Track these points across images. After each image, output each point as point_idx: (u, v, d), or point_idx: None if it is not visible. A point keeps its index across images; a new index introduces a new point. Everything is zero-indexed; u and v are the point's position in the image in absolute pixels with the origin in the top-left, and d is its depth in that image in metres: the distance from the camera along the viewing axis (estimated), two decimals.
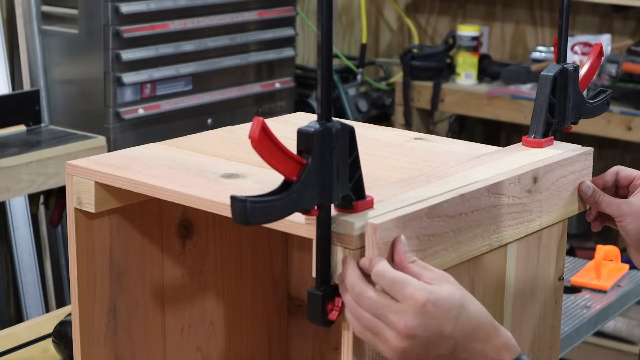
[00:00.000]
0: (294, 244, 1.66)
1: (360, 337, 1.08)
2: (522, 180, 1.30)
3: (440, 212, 1.18)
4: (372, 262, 1.07)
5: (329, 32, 1.05)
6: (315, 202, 1.06)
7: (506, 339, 1.08)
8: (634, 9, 3.89)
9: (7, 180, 2.81)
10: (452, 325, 1.05)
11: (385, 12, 4.53)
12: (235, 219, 1.01)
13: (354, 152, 1.10)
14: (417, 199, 1.18)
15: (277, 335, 1.68)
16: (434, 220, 1.17)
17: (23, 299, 3.27)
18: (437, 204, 1.17)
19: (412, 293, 1.04)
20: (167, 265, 1.46)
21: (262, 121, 1.01)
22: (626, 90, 3.55)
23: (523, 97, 3.69)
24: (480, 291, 1.29)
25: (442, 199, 1.18)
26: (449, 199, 1.19)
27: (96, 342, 1.37)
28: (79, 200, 1.32)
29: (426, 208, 1.16)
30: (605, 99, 1.52)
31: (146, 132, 3.16)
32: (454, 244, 1.20)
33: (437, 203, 1.17)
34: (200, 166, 1.33)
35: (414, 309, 1.04)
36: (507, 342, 1.08)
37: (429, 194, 1.20)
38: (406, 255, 1.09)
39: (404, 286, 1.05)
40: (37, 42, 3.20)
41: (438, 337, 1.05)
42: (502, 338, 1.08)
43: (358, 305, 1.07)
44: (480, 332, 1.07)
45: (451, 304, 1.05)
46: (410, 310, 1.04)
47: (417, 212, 1.14)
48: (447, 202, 1.19)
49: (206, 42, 3.34)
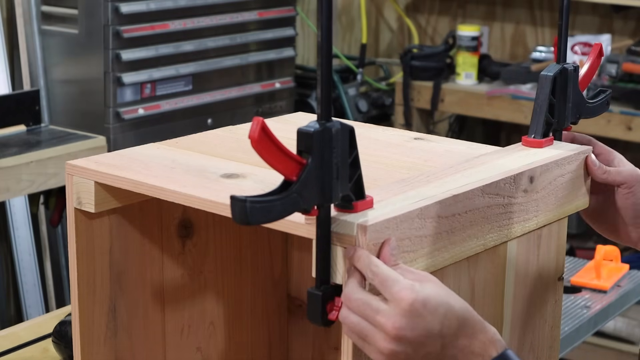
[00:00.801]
0: (294, 244, 1.66)
1: (351, 339, 1.08)
2: (517, 180, 1.30)
3: (433, 213, 1.18)
4: (365, 258, 1.07)
5: (329, 32, 1.04)
6: (315, 202, 1.06)
7: (491, 333, 1.09)
8: (634, 9, 3.89)
9: (7, 180, 2.81)
10: (439, 324, 1.05)
11: (385, 12, 4.53)
12: (235, 219, 1.01)
13: (353, 152, 1.10)
14: (417, 199, 1.18)
15: (277, 335, 1.69)
16: (427, 221, 1.17)
17: (23, 299, 3.27)
18: (429, 205, 1.17)
19: (399, 292, 1.04)
20: (167, 265, 1.46)
21: (262, 121, 1.01)
22: (626, 90, 3.55)
23: (523, 97, 3.69)
24: (480, 291, 1.29)
25: (435, 200, 1.18)
26: (441, 200, 1.19)
27: (96, 342, 1.37)
28: (79, 200, 1.32)
29: (418, 209, 1.16)
30: (605, 99, 1.52)
31: (146, 132, 3.16)
32: (447, 244, 1.20)
33: (429, 204, 1.17)
34: (200, 166, 1.33)
35: (401, 309, 1.04)
36: (493, 337, 1.09)
37: (429, 194, 1.20)
38: (390, 258, 1.09)
39: (393, 284, 1.05)
40: (37, 42, 3.20)
41: (426, 337, 1.05)
42: (488, 333, 1.09)
43: (347, 307, 1.07)
44: (467, 328, 1.07)
45: (438, 302, 1.05)
46: (397, 310, 1.04)
47: (409, 213, 1.14)
48: (439, 203, 1.19)
49: (206, 42, 3.34)
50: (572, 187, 1.41)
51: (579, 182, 1.42)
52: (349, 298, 1.07)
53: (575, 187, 1.42)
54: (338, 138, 1.06)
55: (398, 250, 1.12)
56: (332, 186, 1.07)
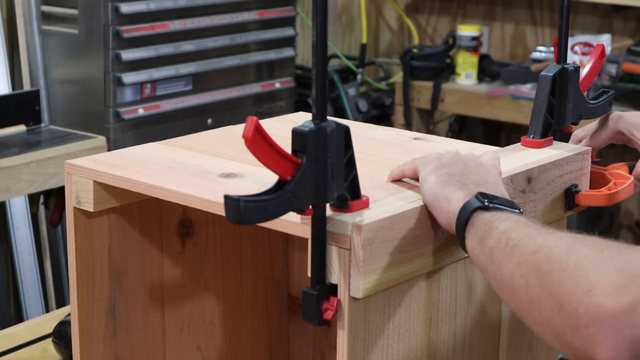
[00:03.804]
0: (295, 243, 1.67)
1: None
2: (515, 181, 1.30)
3: (429, 213, 1.18)
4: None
5: (324, 31, 1.04)
6: (309, 201, 1.06)
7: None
8: (634, 9, 3.89)
9: (7, 180, 2.81)
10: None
11: (385, 12, 4.53)
12: (228, 218, 1.01)
13: (349, 151, 1.10)
14: (413, 198, 1.18)
15: (277, 335, 1.69)
16: (423, 221, 1.17)
17: (23, 299, 3.28)
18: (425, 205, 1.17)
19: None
20: (166, 264, 1.46)
21: (256, 120, 1.01)
22: (626, 90, 3.55)
23: (523, 97, 3.69)
24: (478, 291, 1.29)
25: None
26: None
27: (95, 341, 1.37)
28: (78, 199, 1.32)
29: (415, 209, 1.16)
30: (607, 99, 1.51)
31: (146, 132, 3.16)
32: (444, 244, 1.20)
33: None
34: (199, 166, 1.33)
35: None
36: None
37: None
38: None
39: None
40: (37, 42, 3.20)
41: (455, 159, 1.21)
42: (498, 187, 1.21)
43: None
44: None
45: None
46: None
47: (405, 213, 1.15)
48: None
49: (206, 42, 3.34)
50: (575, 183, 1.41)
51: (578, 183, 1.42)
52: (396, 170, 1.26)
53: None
54: (333, 138, 1.06)
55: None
56: (327, 186, 1.07)
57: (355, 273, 1.09)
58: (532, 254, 1.02)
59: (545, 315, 0.98)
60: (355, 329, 1.12)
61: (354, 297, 1.10)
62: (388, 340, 1.17)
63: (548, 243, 1.01)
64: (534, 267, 1.01)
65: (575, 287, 0.95)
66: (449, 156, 1.21)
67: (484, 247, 1.09)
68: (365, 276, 1.10)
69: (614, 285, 0.92)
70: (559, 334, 0.97)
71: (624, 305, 0.91)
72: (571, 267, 0.96)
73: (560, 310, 0.96)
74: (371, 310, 1.14)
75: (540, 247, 1.01)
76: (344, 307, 1.10)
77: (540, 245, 1.02)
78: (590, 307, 0.93)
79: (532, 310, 1.01)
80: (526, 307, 1.02)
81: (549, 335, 0.99)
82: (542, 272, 0.99)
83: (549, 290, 0.98)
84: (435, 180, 1.16)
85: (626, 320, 0.91)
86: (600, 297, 0.92)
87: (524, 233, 1.05)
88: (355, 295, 1.10)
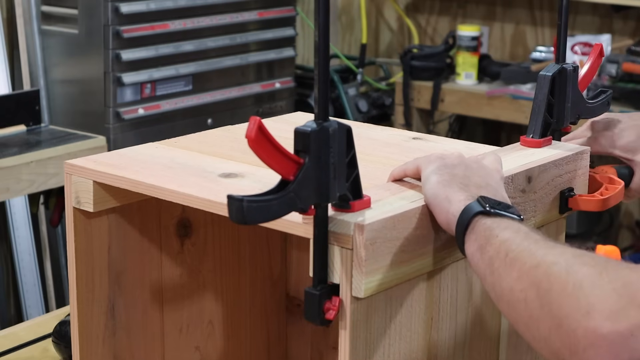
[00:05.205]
0: (293, 243, 1.67)
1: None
2: (515, 181, 1.30)
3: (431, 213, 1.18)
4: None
5: (326, 31, 1.04)
6: (312, 201, 1.06)
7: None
8: (634, 9, 3.89)
9: (7, 180, 2.81)
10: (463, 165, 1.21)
11: (385, 12, 4.53)
12: (232, 218, 1.01)
13: (351, 151, 1.10)
14: (414, 198, 1.18)
15: (275, 335, 1.69)
16: (424, 221, 1.17)
17: (23, 299, 3.28)
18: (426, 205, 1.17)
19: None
20: (165, 264, 1.46)
21: (259, 120, 1.01)
22: (626, 90, 3.55)
23: (523, 97, 3.69)
24: (478, 290, 1.29)
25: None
26: None
27: (95, 341, 1.37)
28: (78, 199, 1.32)
29: (416, 208, 1.16)
30: (605, 99, 1.51)
31: (146, 132, 3.16)
32: (445, 244, 1.20)
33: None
34: (199, 166, 1.33)
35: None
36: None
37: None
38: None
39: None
40: (37, 42, 3.20)
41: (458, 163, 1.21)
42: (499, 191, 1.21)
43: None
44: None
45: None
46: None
47: (406, 212, 1.15)
48: None
49: (206, 42, 3.34)
50: (570, 187, 1.41)
51: (577, 182, 1.42)
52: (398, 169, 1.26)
53: (574, 187, 1.42)
54: (335, 138, 1.06)
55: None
56: (329, 186, 1.07)
57: (357, 273, 1.09)
58: (531, 269, 1.01)
59: (543, 332, 0.99)
60: (357, 328, 1.12)
61: (356, 296, 1.10)
62: (389, 340, 1.17)
63: (547, 259, 1.01)
64: (533, 284, 1.00)
65: (574, 308, 0.95)
66: (452, 157, 1.21)
67: (483, 255, 1.08)
68: (367, 276, 1.10)
69: (611, 309, 0.92)
70: (557, 352, 0.97)
71: (622, 329, 0.91)
72: (570, 287, 0.96)
73: (559, 330, 0.96)
74: (373, 310, 1.13)
75: (539, 263, 1.01)
76: (346, 307, 1.10)
77: (540, 261, 1.01)
78: (588, 330, 0.93)
79: (531, 325, 1.01)
80: (524, 322, 1.02)
81: (546, 352, 0.99)
82: (541, 290, 0.99)
83: (548, 309, 0.98)
84: (437, 179, 1.16)
85: (624, 345, 0.91)
86: (598, 321, 0.92)
87: (524, 245, 1.05)
88: (357, 295, 1.10)
